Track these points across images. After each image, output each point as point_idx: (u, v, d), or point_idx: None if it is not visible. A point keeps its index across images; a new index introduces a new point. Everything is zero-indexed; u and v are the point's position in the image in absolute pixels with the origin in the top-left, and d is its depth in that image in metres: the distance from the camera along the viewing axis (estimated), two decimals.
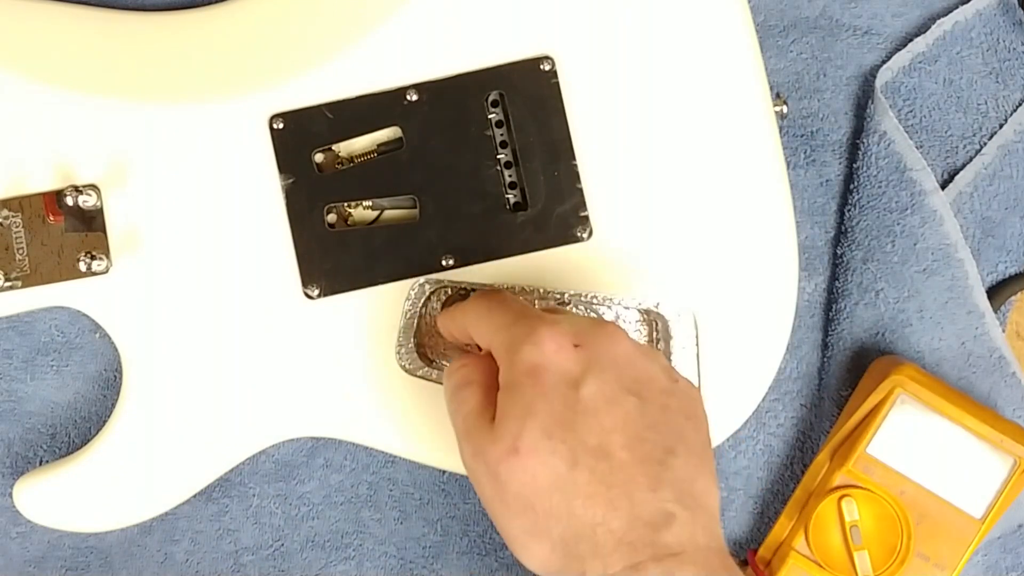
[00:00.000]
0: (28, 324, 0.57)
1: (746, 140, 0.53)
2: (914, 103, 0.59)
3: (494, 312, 0.46)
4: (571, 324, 0.44)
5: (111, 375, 0.57)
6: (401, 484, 0.58)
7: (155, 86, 0.53)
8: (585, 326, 0.44)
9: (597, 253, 0.53)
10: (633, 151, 0.53)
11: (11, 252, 0.52)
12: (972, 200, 0.58)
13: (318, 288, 0.53)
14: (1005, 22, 0.59)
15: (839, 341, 0.58)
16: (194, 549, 0.58)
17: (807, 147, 0.59)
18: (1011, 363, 0.57)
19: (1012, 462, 0.54)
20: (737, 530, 0.59)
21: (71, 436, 0.57)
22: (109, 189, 0.52)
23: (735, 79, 0.53)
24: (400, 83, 0.53)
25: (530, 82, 0.53)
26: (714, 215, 0.53)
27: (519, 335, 0.44)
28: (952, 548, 0.54)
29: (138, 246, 0.53)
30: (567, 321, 0.44)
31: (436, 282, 0.53)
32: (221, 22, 0.54)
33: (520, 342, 0.43)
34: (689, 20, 0.53)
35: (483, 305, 0.47)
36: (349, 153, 0.54)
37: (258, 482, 0.58)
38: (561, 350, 0.43)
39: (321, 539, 0.58)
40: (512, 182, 0.54)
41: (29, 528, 0.57)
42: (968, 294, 0.57)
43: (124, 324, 0.53)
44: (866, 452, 0.54)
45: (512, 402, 0.43)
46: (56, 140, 0.52)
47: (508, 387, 0.43)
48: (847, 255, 0.58)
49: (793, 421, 0.59)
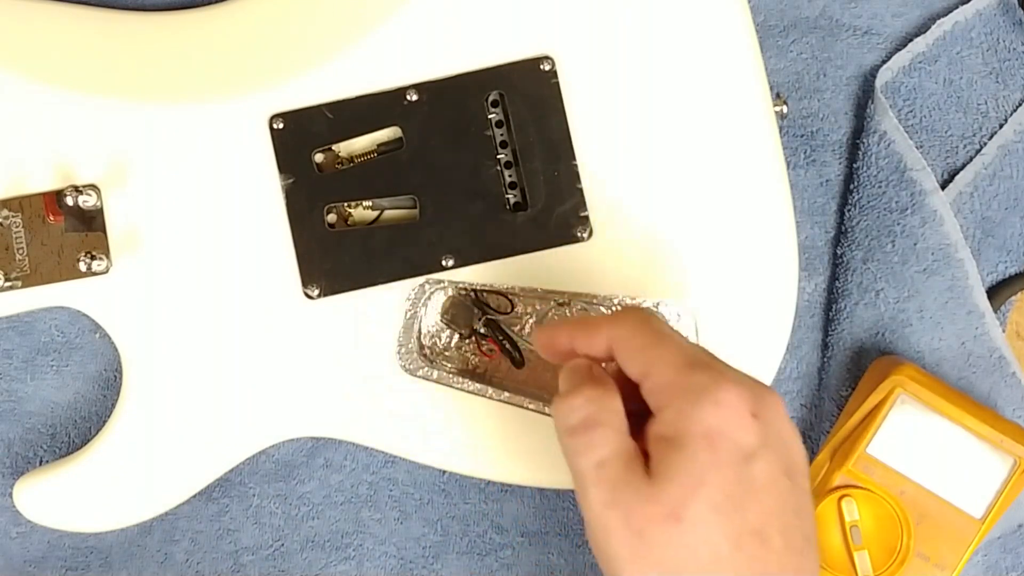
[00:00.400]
0: (28, 324, 0.57)
1: (746, 140, 0.53)
2: (914, 103, 0.59)
3: (666, 345, 0.42)
4: (750, 388, 0.41)
5: (111, 375, 0.57)
6: (401, 484, 0.58)
7: (155, 86, 0.53)
8: (762, 393, 0.41)
9: (597, 253, 0.53)
10: (633, 151, 0.53)
11: (11, 252, 0.52)
12: (972, 200, 0.58)
13: (318, 288, 0.53)
14: (1005, 22, 0.59)
15: (839, 341, 0.58)
16: (194, 549, 0.58)
17: (807, 147, 0.59)
18: (1011, 363, 0.57)
19: (1012, 462, 0.54)
20: None
21: (71, 436, 0.57)
22: (109, 189, 0.52)
23: (735, 79, 0.53)
24: (400, 83, 0.53)
25: (530, 82, 0.53)
26: (714, 215, 0.53)
27: (699, 387, 0.40)
28: (952, 548, 0.54)
29: (138, 246, 0.53)
30: (745, 382, 0.41)
31: (436, 282, 0.53)
32: (221, 22, 0.54)
33: (701, 397, 0.40)
34: (689, 20, 0.53)
35: (649, 331, 0.43)
36: (349, 153, 0.54)
37: (258, 482, 0.58)
38: (742, 418, 0.40)
39: (321, 539, 0.58)
40: (512, 182, 0.54)
41: (29, 528, 0.57)
42: (968, 294, 0.57)
43: (124, 324, 0.53)
44: (866, 452, 0.54)
45: (681, 464, 0.40)
46: (56, 140, 0.52)
47: (676, 444, 0.40)
48: (847, 255, 0.58)
49: (793, 421, 0.59)
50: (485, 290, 0.55)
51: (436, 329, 0.55)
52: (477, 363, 0.55)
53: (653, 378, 0.42)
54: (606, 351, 0.44)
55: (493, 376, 0.55)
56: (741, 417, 0.40)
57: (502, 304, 0.55)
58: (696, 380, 0.41)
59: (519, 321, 0.55)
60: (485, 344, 0.55)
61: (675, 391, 0.41)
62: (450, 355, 0.55)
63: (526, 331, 0.55)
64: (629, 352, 0.43)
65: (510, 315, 0.55)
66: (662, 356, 0.42)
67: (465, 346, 0.55)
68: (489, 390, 0.54)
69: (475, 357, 0.55)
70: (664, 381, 0.41)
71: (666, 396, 0.41)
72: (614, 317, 0.44)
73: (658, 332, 0.43)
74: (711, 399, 0.40)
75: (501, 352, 0.55)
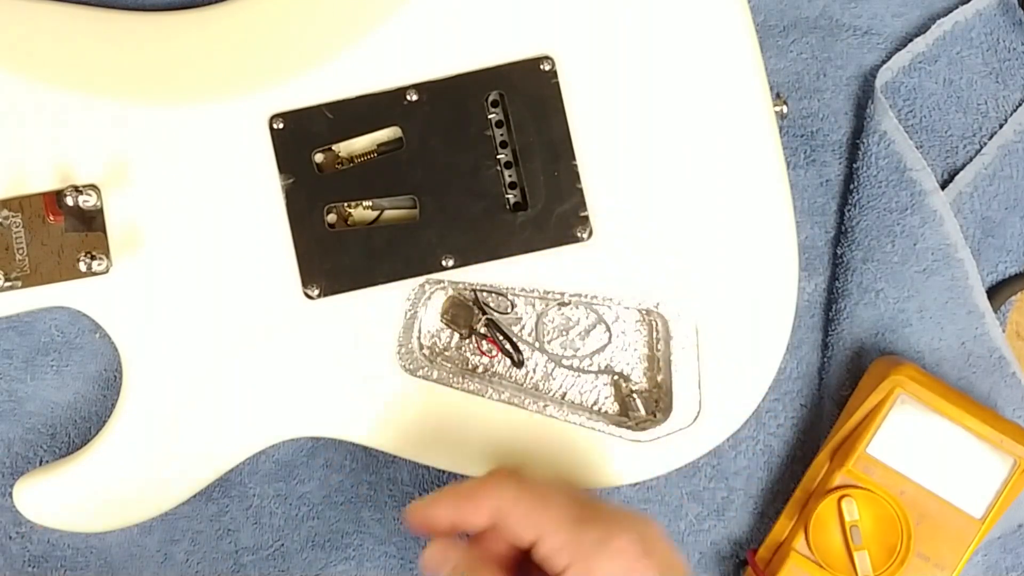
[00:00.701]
0: (28, 324, 0.57)
1: (746, 140, 0.53)
2: (914, 103, 0.59)
3: (551, 507, 0.44)
4: (637, 531, 0.44)
5: (111, 375, 0.57)
6: (401, 484, 0.58)
7: (155, 86, 0.53)
8: (645, 530, 0.45)
9: (597, 253, 0.53)
10: (633, 151, 0.53)
11: (11, 252, 0.52)
12: (972, 200, 0.58)
13: (318, 288, 0.53)
14: (1005, 22, 0.59)
15: (839, 341, 0.58)
16: (194, 549, 0.58)
17: (807, 147, 0.59)
18: (1011, 363, 0.57)
19: (1012, 462, 0.54)
20: (737, 530, 0.59)
21: (71, 436, 0.57)
22: (109, 189, 0.52)
23: (735, 79, 0.53)
24: (400, 83, 0.53)
25: (530, 82, 0.53)
26: (714, 215, 0.53)
27: (595, 543, 0.43)
28: (952, 548, 0.54)
29: (138, 246, 0.53)
30: (632, 526, 0.44)
31: (436, 282, 0.53)
32: (221, 22, 0.54)
33: (598, 552, 0.43)
34: (689, 20, 0.53)
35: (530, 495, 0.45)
36: (349, 153, 0.54)
37: (258, 482, 0.58)
38: (638, 561, 0.43)
39: (321, 539, 0.58)
40: (512, 182, 0.54)
41: (29, 528, 0.57)
42: (968, 294, 0.57)
43: (124, 324, 0.53)
44: (866, 452, 0.54)
45: None
46: (56, 140, 0.52)
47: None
48: (847, 255, 0.58)
49: (793, 421, 0.59)
50: (485, 290, 0.55)
51: (436, 329, 0.55)
52: (477, 363, 0.55)
53: (547, 542, 0.44)
54: (488, 521, 0.45)
55: (493, 376, 0.55)
56: (637, 560, 0.43)
57: (502, 304, 0.55)
58: (589, 537, 0.43)
59: (519, 321, 0.55)
60: (485, 344, 0.55)
61: (572, 552, 0.43)
62: (450, 355, 0.55)
63: (526, 331, 0.55)
64: (516, 520, 0.44)
65: (510, 315, 0.55)
66: (551, 519, 0.44)
67: (465, 346, 0.55)
68: (489, 390, 0.54)
69: (475, 357, 0.55)
70: (558, 544, 0.44)
71: (565, 557, 0.43)
72: (491, 486, 0.45)
73: (540, 495, 0.45)
74: (607, 553, 0.43)
75: (501, 352, 0.55)
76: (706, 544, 0.59)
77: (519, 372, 0.55)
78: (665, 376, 0.54)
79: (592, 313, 0.55)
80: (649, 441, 0.54)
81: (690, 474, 0.58)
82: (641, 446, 0.54)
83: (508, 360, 0.55)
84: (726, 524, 0.59)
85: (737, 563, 0.59)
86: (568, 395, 0.55)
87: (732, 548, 0.59)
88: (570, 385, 0.55)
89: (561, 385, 0.55)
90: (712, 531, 0.59)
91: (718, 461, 0.59)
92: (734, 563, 0.59)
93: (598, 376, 0.56)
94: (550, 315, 0.55)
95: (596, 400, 0.56)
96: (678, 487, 0.59)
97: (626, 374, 0.56)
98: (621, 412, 0.55)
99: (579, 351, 0.56)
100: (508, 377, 0.55)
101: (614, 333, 0.55)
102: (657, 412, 0.55)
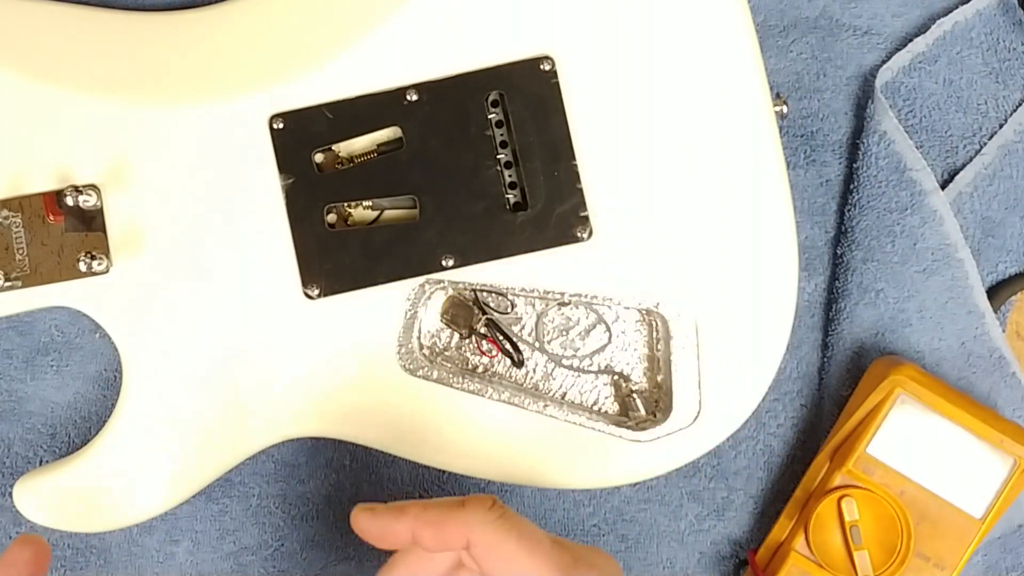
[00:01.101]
0: (28, 324, 0.57)
1: (746, 140, 0.53)
2: (914, 103, 0.59)
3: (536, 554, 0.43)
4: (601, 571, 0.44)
5: (111, 375, 0.57)
6: (401, 484, 0.58)
7: (155, 86, 0.53)
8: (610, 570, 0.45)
9: (597, 253, 0.53)
10: (633, 151, 0.53)
11: (11, 252, 0.52)
12: (972, 200, 0.58)
13: (318, 288, 0.53)
14: (1005, 22, 0.59)
15: (839, 341, 0.58)
16: (194, 549, 0.58)
17: (807, 147, 0.59)
18: (1011, 363, 0.57)
19: (1012, 462, 0.54)
20: (737, 530, 0.59)
21: (71, 436, 0.57)
22: (109, 189, 0.52)
23: (735, 79, 0.53)
24: (400, 83, 0.53)
25: (530, 82, 0.53)
26: (714, 215, 0.53)
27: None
28: (952, 548, 0.54)
29: (138, 246, 0.53)
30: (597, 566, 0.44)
31: (436, 282, 0.53)
32: (221, 22, 0.54)
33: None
34: (689, 20, 0.53)
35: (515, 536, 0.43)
36: (349, 153, 0.54)
37: (258, 482, 0.58)
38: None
39: (321, 539, 0.58)
40: (512, 182, 0.54)
41: (29, 528, 0.57)
42: (968, 294, 0.57)
43: (124, 324, 0.53)
44: (866, 452, 0.54)
45: None
46: (56, 140, 0.52)
47: None
48: (847, 255, 0.58)
49: (793, 421, 0.59)
50: (485, 290, 0.55)
51: (436, 329, 0.55)
52: (477, 363, 0.55)
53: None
54: (460, 546, 0.43)
55: (493, 376, 0.55)
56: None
57: (502, 304, 0.55)
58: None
59: (519, 321, 0.55)
60: (485, 344, 0.55)
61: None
62: (450, 355, 0.55)
63: (526, 331, 0.55)
64: (496, 559, 0.43)
65: (510, 315, 0.55)
66: (537, 567, 0.42)
67: (465, 346, 0.55)
68: (489, 390, 0.54)
69: (475, 357, 0.55)
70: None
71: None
72: (471, 518, 0.43)
73: (528, 537, 0.43)
74: None
75: (501, 352, 0.55)
76: (706, 544, 0.59)
77: (519, 372, 0.55)
78: (665, 376, 0.54)
79: (592, 313, 0.55)
80: (649, 441, 0.54)
81: (690, 474, 0.59)
82: (641, 446, 0.54)
83: (508, 360, 0.55)
84: (726, 524, 0.59)
85: (737, 563, 0.59)
86: (568, 395, 0.55)
87: (732, 548, 0.59)
88: (570, 385, 0.56)
89: (561, 385, 0.55)
90: (712, 531, 0.59)
91: (718, 461, 0.59)
92: (734, 563, 0.59)
93: (598, 376, 0.56)
94: (550, 315, 0.55)
95: (596, 400, 0.56)
96: (678, 487, 0.59)
97: (626, 374, 0.56)
98: (621, 412, 0.55)
99: (579, 351, 0.56)
100: (508, 377, 0.55)
101: (614, 333, 0.56)
102: (657, 412, 0.55)
